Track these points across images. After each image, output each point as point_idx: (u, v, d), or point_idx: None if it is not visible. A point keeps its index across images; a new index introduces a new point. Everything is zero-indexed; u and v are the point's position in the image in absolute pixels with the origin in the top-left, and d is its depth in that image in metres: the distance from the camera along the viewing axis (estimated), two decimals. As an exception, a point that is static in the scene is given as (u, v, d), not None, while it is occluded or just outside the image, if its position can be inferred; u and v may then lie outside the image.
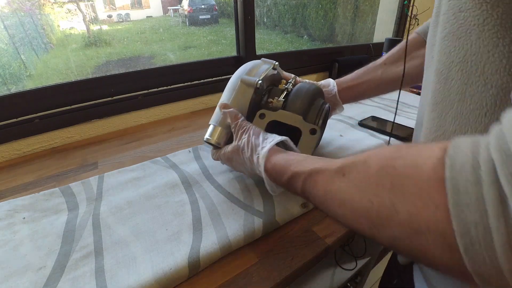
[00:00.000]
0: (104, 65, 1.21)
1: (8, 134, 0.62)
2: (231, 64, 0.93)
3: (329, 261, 0.60)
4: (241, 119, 0.45)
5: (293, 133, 0.46)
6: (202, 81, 0.89)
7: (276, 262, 0.37)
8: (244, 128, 0.43)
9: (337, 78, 0.58)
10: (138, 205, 0.46)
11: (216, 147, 0.48)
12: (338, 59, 1.14)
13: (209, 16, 2.38)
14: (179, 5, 2.36)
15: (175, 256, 0.36)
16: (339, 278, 0.65)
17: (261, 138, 0.40)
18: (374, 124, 0.73)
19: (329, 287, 0.62)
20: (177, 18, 2.39)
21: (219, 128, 0.47)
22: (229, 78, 0.51)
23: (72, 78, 0.73)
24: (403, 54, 0.51)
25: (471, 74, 0.24)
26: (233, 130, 0.45)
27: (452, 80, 0.26)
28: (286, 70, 0.59)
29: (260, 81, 0.48)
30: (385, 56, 0.54)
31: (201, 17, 2.30)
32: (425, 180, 0.17)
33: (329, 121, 0.75)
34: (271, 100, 0.49)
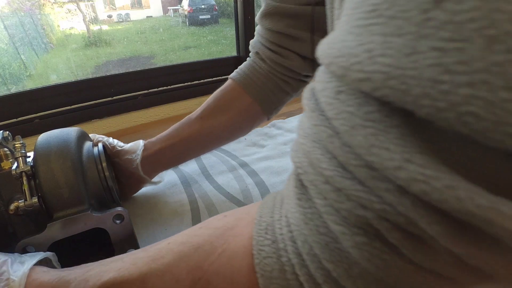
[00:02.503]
0: (104, 65, 1.21)
1: (8, 134, 0.62)
2: (231, 64, 0.93)
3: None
4: None
5: (96, 236, 0.30)
6: (202, 81, 0.89)
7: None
8: None
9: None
10: (137, 205, 0.46)
11: None
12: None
13: (209, 16, 2.38)
14: (179, 5, 2.36)
15: (174, 256, 0.36)
16: None
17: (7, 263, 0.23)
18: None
19: None
20: (177, 18, 2.39)
21: None
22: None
23: (72, 78, 0.73)
24: (220, 105, 0.43)
25: None
26: None
27: None
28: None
29: None
30: (200, 108, 0.44)
31: (201, 17, 2.30)
32: None
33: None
34: (15, 204, 0.28)
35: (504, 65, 0.08)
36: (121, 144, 0.41)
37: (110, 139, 0.41)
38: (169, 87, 0.84)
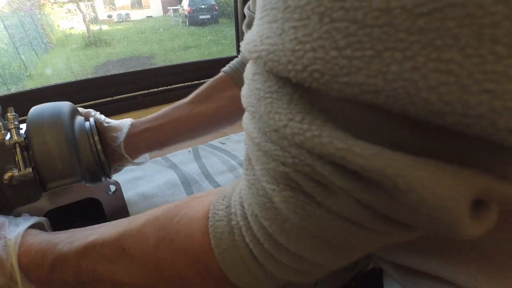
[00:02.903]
0: (104, 65, 1.21)
1: (8, 134, 0.62)
2: (231, 64, 0.93)
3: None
4: None
5: (93, 210, 0.31)
6: (202, 81, 0.89)
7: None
8: None
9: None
10: (137, 205, 0.46)
11: None
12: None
13: (209, 16, 2.38)
14: (179, 5, 2.36)
15: (174, 256, 0.36)
16: None
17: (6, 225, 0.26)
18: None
19: None
20: (177, 18, 2.40)
21: None
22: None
23: (72, 78, 0.73)
24: (211, 93, 0.47)
25: None
26: None
27: None
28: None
29: None
30: (191, 94, 0.46)
31: (201, 17, 2.31)
32: (197, 249, 0.20)
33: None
34: (9, 174, 0.28)
35: (330, 32, 0.11)
36: (108, 120, 0.42)
37: (98, 114, 0.42)
38: (169, 87, 0.84)
